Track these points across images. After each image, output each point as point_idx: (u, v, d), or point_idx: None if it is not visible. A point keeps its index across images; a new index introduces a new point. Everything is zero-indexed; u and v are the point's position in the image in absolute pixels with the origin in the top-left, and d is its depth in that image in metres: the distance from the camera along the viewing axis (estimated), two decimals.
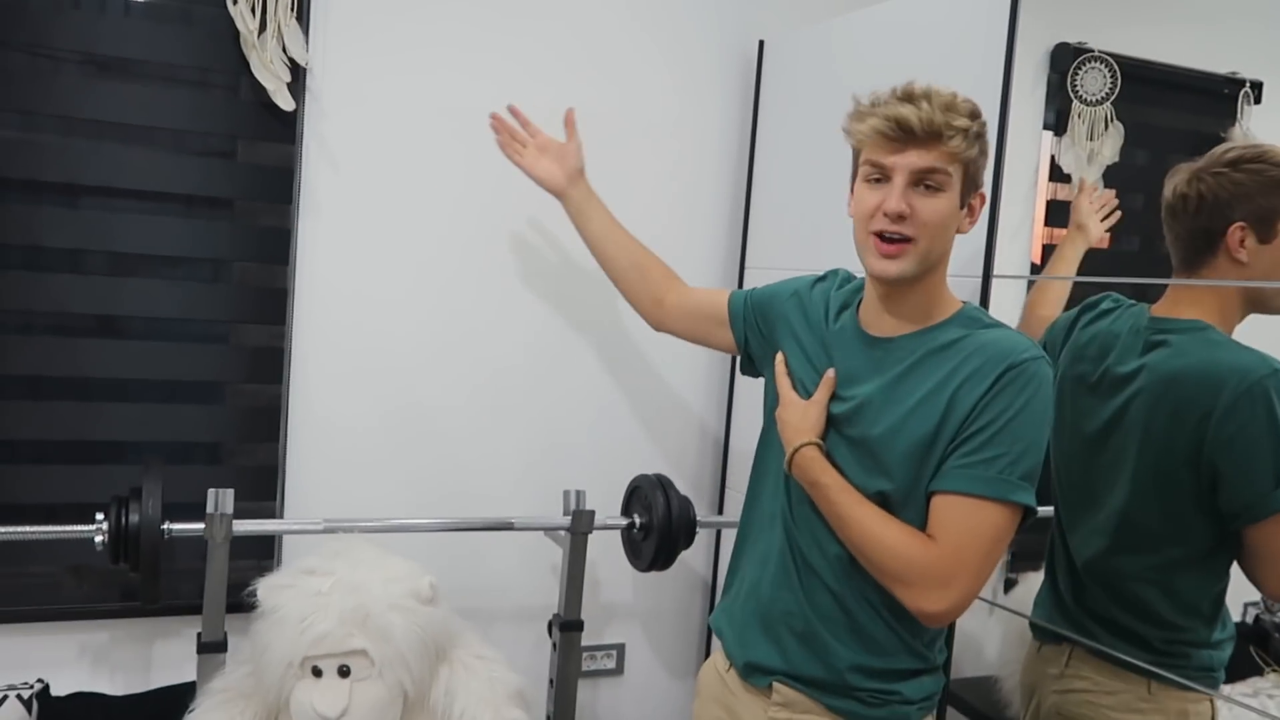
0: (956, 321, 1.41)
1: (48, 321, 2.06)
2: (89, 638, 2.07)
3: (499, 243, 2.30)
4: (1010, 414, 1.29)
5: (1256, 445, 1.39)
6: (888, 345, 1.43)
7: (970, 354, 1.34)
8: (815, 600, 1.46)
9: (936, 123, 1.30)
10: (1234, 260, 1.47)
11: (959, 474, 1.31)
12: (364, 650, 1.71)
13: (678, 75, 2.43)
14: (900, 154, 1.33)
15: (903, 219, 1.33)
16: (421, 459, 2.28)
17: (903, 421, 1.36)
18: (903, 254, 1.35)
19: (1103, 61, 1.85)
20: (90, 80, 2.02)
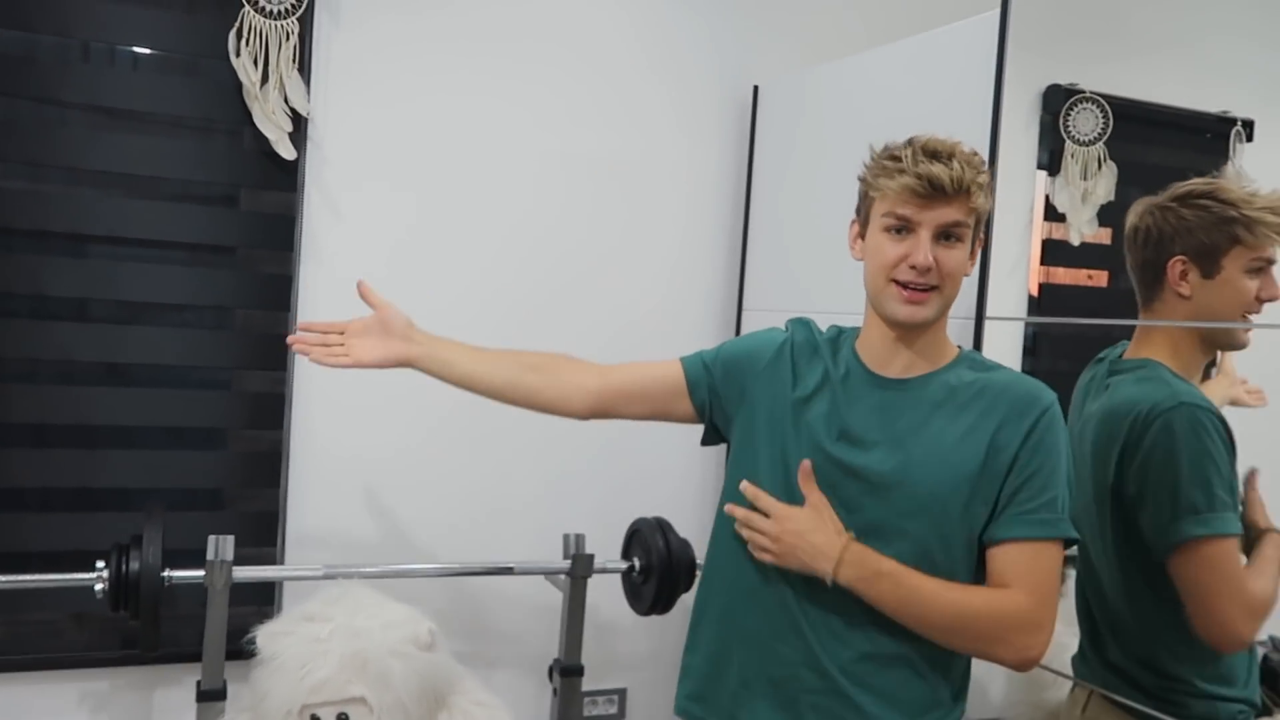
0: (964, 363, 1.44)
1: (52, 369, 2.07)
2: (89, 686, 2.07)
3: (499, 287, 2.32)
4: (1054, 457, 1.35)
5: (1161, 477, 1.42)
6: (903, 386, 1.43)
7: (997, 396, 1.37)
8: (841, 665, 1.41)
9: (966, 180, 1.34)
10: (1177, 294, 1.48)
11: (1023, 520, 1.34)
12: (363, 697, 1.70)
13: (674, 120, 2.46)
14: (928, 209, 1.36)
15: (928, 271, 1.37)
16: (421, 504, 2.28)
17: (942, 460, 1.37)
18: (927, 301, 1.38)
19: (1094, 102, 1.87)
20: (97, 131, 2.05)
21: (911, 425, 1.40)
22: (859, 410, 1.43)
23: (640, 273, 2.44)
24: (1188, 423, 1.41)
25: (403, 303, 2.23)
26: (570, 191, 2.37)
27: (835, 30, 2.54)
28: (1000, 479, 1.35)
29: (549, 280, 2.36)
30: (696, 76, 2.47)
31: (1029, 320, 1.88)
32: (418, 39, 2.22)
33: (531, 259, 2.34)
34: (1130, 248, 1.55)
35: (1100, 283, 2.01)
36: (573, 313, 2.38)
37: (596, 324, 2.40)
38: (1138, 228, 1.53)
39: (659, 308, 2.47)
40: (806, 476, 1.40)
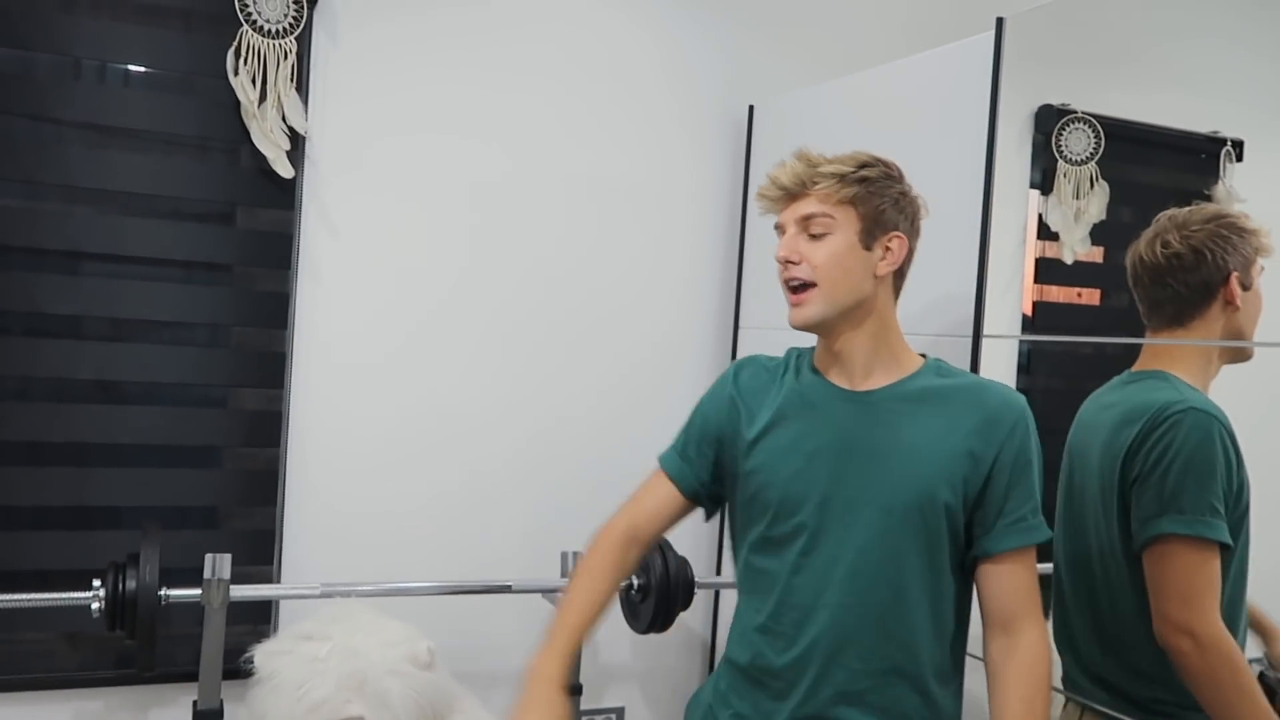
0: (931, 371, 1.46)
1: (47, 387, 2.07)
2: (84, 706, 2.05)
3: (495, 307, 2.33)
4: (1032, 463, 1.40)
5: (1156, 473, 1.45)
6: (869, 397, 1.44)
7: (969, 401, 1.40)
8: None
9: (800, 174, 1.42)
10: (1228, 305, 1.52)
11: (1016, 530, 1.39)
12: (361, 717, 1.69)
13: (669, 139, 2.47)
14: (786, 209, 1.45)
15: (793, 264, 1.41)
16: (419, 521, 2.28)
17: (918, 465, 1.38)
18: (807, 300, 1.41)
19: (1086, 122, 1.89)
20: (93, 149, 2.05)
21: (885, 433, 1.41)
22: (826, 422, 1.44)
23: (636, 291, 2.45)
24: (1193, 426, 1.43)
25: (398, 320, 2.25)
26: (566, 211, 2.38)
27: (830, 50, 2.56)
28: (983, 487, 1.38)
29: (544, 298, 2.37)
30: (691, 96, 2.48)
31: (1024, 338, 1.89)
32: (415, 58, 2.23)
33: (527, 277, 2.35)
34: (1173, 271, 1.55)
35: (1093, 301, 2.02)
36: (567, 331, 2.38)
37: (590, 343, 2.41)
38: (1182, 252, 1.54)
39: (655, 327, 2.48)
40: None
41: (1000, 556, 1.39)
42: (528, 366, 2.36)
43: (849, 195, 1.41)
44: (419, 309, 2.26)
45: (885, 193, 1.43)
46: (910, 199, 1.47)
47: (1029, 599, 1.39)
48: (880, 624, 1.39)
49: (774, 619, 1.45)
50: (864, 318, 1.43)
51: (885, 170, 1.45)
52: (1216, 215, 1.55)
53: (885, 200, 1.43)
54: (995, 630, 1.41)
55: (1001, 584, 1.40)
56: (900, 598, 1.39)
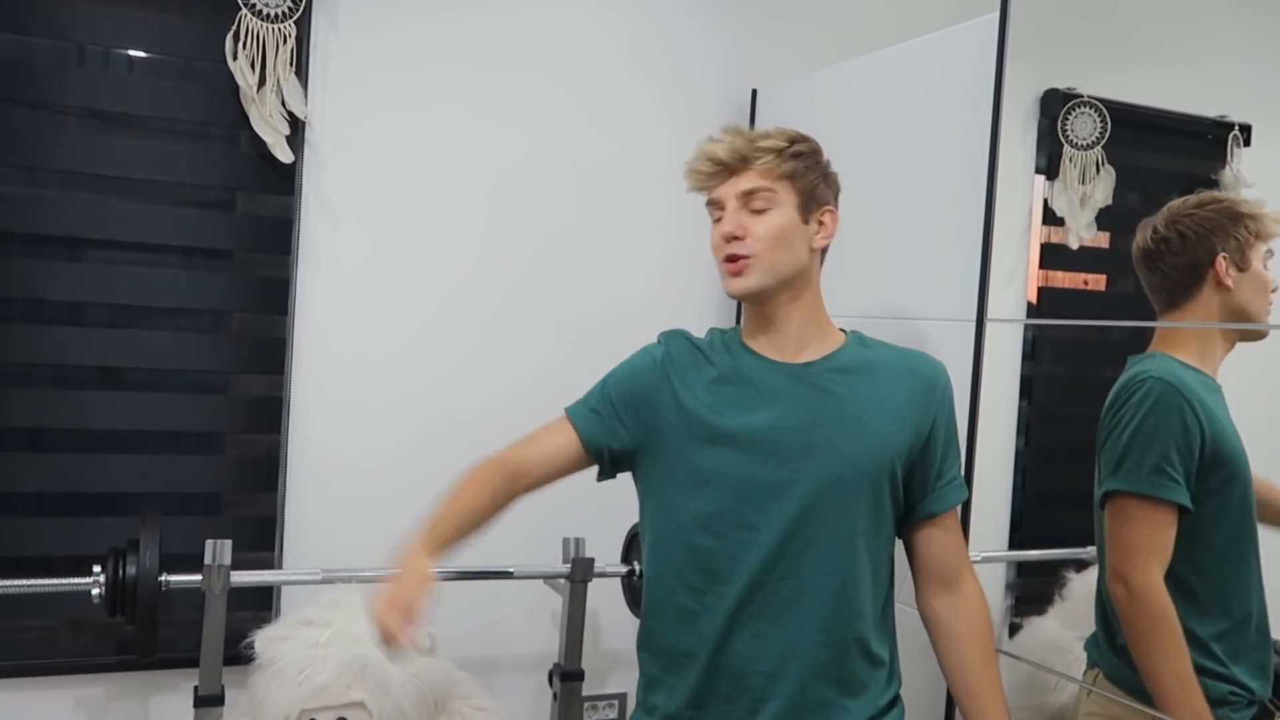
0: (854, 342, 1.52)
1: (48, 373, 2.06)
2: (85, 692, 2.05)
3: (497, 291, 2.32)
4: (954, 426, 1.51)
5: (1114, 439, 1.53)
6: (806, 369, 1.46)
7: (897, 369, 1.48)
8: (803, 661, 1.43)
9: (740, 148, 1.44)
10: (1220, 286, 1.55)
11: (951, 491, 1.50)
12: (362, 702, 1.70)
13: (672, 125, 2.46)
14: (723, 184, 1.47)
15: (738, 239, 1.43)
16: (420, 507, 2.26)
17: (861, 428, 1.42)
18: (747, 269, 1.43)
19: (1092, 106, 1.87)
20: (93, 135, 2.05)
21: (825, 401, 1.44)
22: (765, 394, 1.45)
23: (638, 278, 2.44)
24: (1147, 392, 1.51)
25: (399, 306, 2.24)
26: (568, 196, 2.37)
27: (834, 34, 2.54)
28: (923, 451, 1.46)
29: (547, 285, 2.36)
30: (694, 81, 2.47)
31: (1029, 322, 1.88)
32: (415, 42, 2.22)
33: (529, 263, 2.34)
34: (1162, 256, 1.61)
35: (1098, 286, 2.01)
36: (570, 317, 2.37)
37: (593, 328, 2.40)
38: (1169, 237, 1.61)
39: (658, 313, 2.46)
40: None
41: (941, 516, 1.49)
42: (530, 352, 2.35)
43: (788, 170, 1.44)
44: (420, 294, 2.26)
45: (816, 168, 1.49)
46: (834, 176, 1.52)
47: (964, 553, 1.52)
48: (838, 594, 1.41)
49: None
50: (801, 289, 1.47)
51: (813, 146, 1.50)
52: (1207, 200, 1.60)
53: (817, 175, 1.48)
54: (938, 587, 1.50)
55: (944, 542, 1.49)
56: (855, 565, 1.42)
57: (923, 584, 1.51)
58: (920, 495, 1.48)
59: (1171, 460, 1.47)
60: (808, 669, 1.41)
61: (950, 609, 1.49)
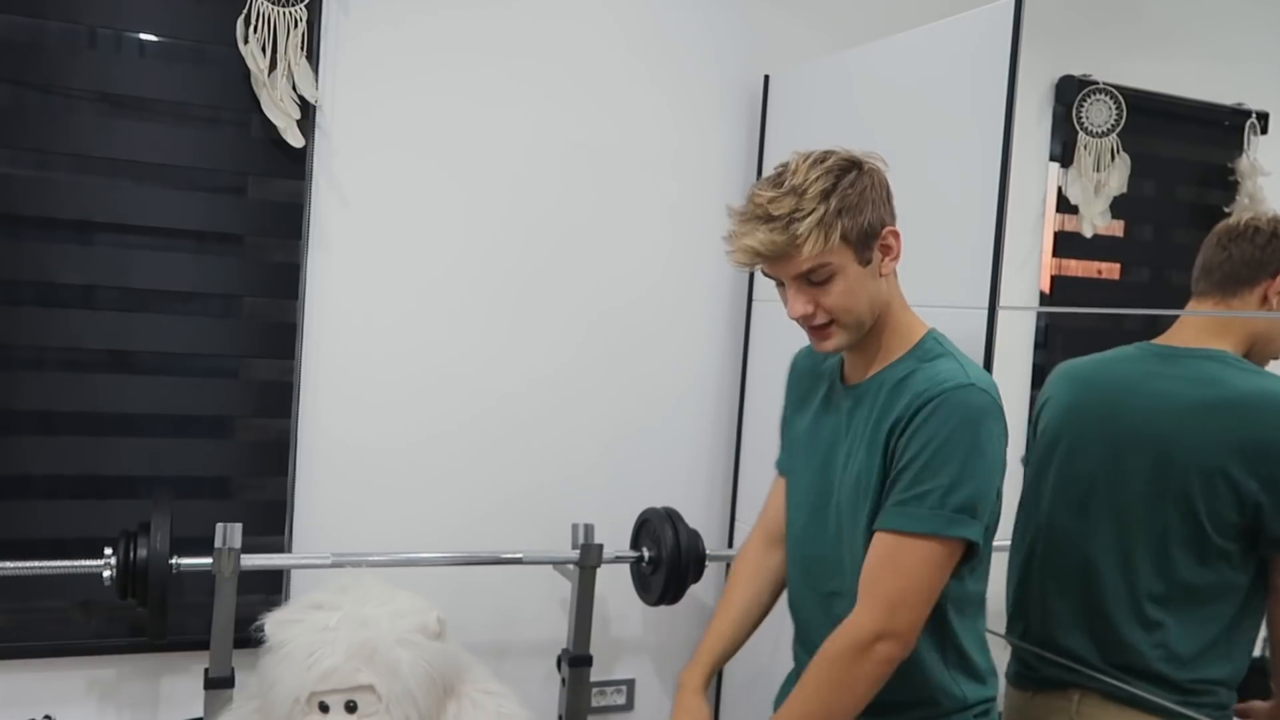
0: (913, 355, 1.42)
1: (59, 357, 2.07)
2: (97, 673, 2.07)
3: (507, 277, 2.31)
4: (939, 446, 1.30)
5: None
6: (856, 391, 1.46)
7: (907, 390, 1.36)
8: None
9: (780, 246, 1.32)
10: (1265, 300, 1.51)
11: (892, 512, 1.33)
12: (371, 686, 1.70)
13: (684, 110, 2.45)
14: (775, 266, 1.37)
15: (809, 316, 1.38)
16: (430, 493, 2.28)
17: (854, 462, 1.42)
18: (831, 334, 1.40)
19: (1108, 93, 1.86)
20: (104, 119, 2.05)
21: (847, 426, 1.45)
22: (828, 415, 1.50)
23: (650, 264, 2.43)
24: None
25: (410, 291, 2.24)
26: (578, 181, 2.36)
27: (846, 19, 2.52)
28: (891, 468, 1.35)
29: (557, 270, 2.35)
30: (706, 66, 2.45)
31: (1041, 310, 1.87)
32: (426, 26, 2.21)
33: (540, 248, 2.33)
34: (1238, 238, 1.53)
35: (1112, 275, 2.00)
36: (581, 303, 2.37)
37: (604, 314, 2.40)
38: (1259, 227, 1.53)
39: (667, 299, 2.46)
40: None
41: (876, 536, 1.35)
42: (540, 338, 2.35)
43: (837, 236, 1.33)
44: (430, 279, 2.25)
45: (863, 197, 1.35)
46: (878, 180, 1.40)
47: (871, 580, 1.33)
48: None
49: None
50: (882, 319, 1.43)
51: (845, 165, 1.37)
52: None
53: (865, 205, 1.35)
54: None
55: (867, 556, 1.36)
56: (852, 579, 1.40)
57: None
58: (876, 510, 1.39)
59: None
60: None
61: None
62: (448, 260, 2.26)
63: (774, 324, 2.29)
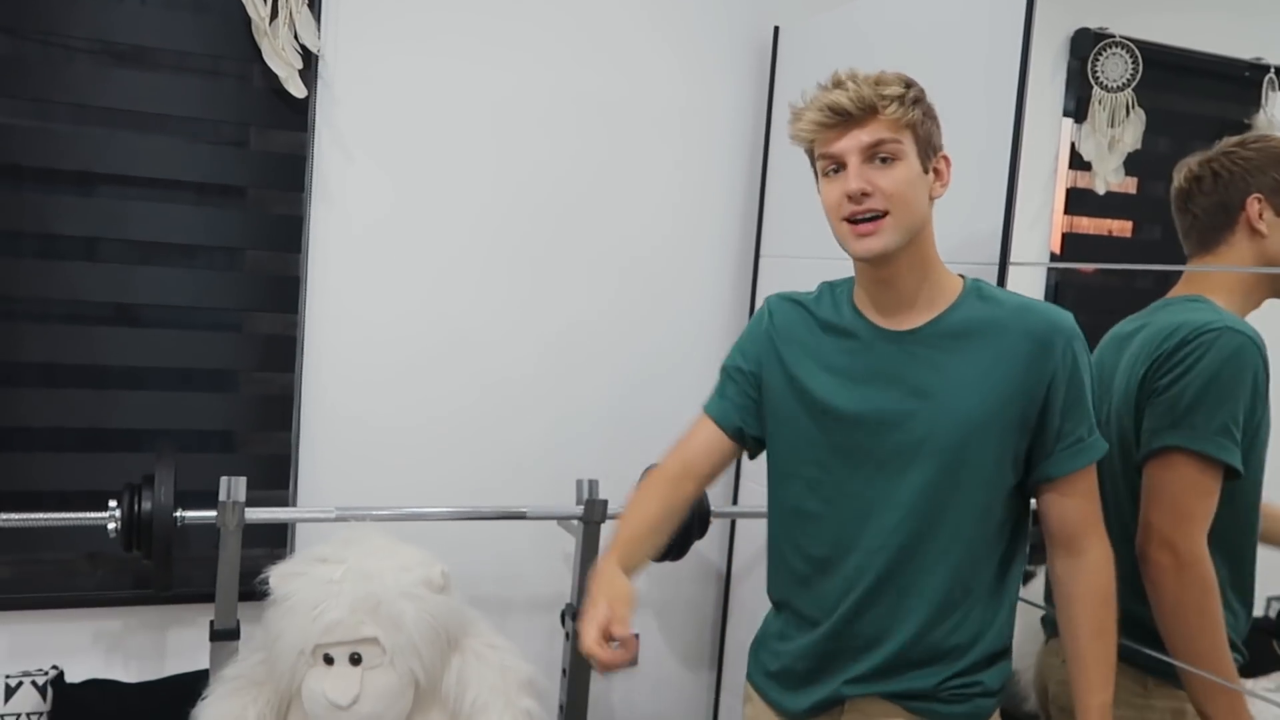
0: (971, 296, 1.42)
1: (62, 309, 2.06)
2: (103, 625, 2.08)
3: (513, 231, 2.29)
4: (1085, 382, 1.38)
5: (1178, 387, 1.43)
6: (913, 337, 1.41)
7: (1015, 328, 1.37)
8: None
9: (867, 97, 1.33)
10: (1253, 232, 1.48)
11: (1076, 452, 1.38)
12: (375, 638, 1.71)
13: (692, 63, 2.41)
14: (845, 137, 1.35)
15: (867, 196, 1.34)
16: (434, 447, 2.27)
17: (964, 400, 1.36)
18: (880, 230, 1.35)
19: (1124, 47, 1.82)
20: (103, 68, 2.02)
21: (928, 373, 1.39)
22: (872, 364, 1.42)
23: (657, 219, 2.41)
24: (1225, 344, 1.40)
25: (413, 243, 2.22)
26: (585, 134, 2.33)
27: None
28: (1041, 414, 1.36)
29: (562, 224, 2.33)
30: (715, 19, 2.41)
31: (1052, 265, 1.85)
32: None
33: (545, 201, 2.31)
34: (1193, 196, 1.54)
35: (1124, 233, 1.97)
36: (587, 256, 2.35)
37: (610, 268, 2.38)
38: (1201, 176, 1.53)
39: (675, 253, 2.44)
40: None
41: (1058, 480, 1.39)
42: (544, 292, 2.33)
43: (912, 118, 1.35)
44: (434, 231, 2.23)
45: (931, 113, 1.39)
46: (938, 118, 1.42)
47: (1090, 517, 1.40)
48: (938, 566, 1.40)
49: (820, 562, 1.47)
50: (920, 247, 1.40)
51: (923, 89, 1.40)
52: (1250, 139, 1.51)
53: (931, 120, 1.39)
54: (1059, 551, 1.42)
55: (1064, 506, 1.40)
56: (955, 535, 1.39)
57: (1048, 545, 1.44)
58: (1039, 458, 1.39)
59: (1238, 420, 1.39)
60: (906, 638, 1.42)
61: (1069, 573, 1.41)
62: (452, 213, 2.24)
63: (781, 279, 2.27)
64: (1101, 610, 1.40)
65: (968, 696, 1.43)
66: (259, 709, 1.77)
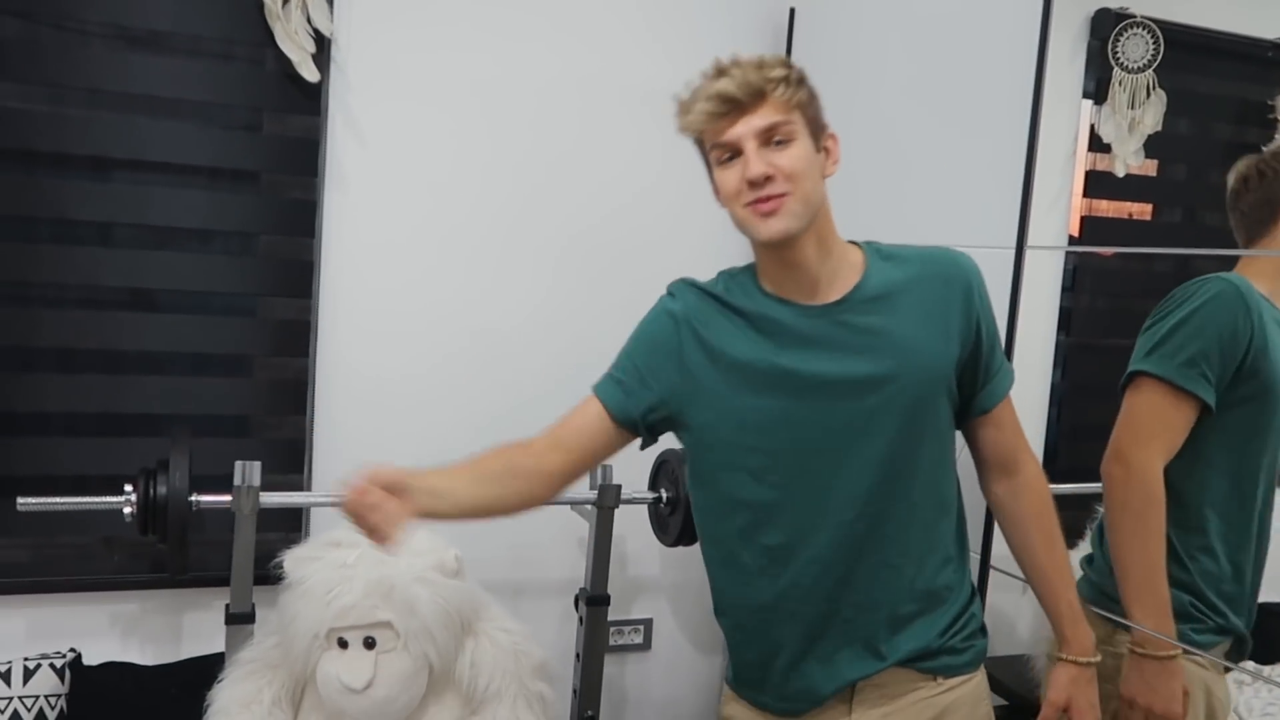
0: (874, 259, 1.44)
1: (77, 294, 2.07)
2: (120, 608, 2.09)
3: (528, 216, 2.29)
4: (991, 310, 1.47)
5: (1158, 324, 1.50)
6: (838, 308, 1.40)
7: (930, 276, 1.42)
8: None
9: (754, 81, 1.33)
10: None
11: (1003, 378, 1.48)
12: (389, 622, 1.71)
13: (705, 44, 2.37)
14: (738, 123, 1.34)
15: (770, 180, 1.33)
16: (448, 431, 2.27)
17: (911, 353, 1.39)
18: (782, 208, 1.34)
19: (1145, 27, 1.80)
20: (117, 53, 2.02)
21: (868, 338, 1.39)
22: (805, 338, 1.40)
23: (669, 203, 2.40)
24: (1207, 288, 1.46)
25: (427, 227, 2.21)
26: (596, 118, 2.31)
27: None
28: (971, 354, 1.43)
29: (575, 207, 2.32)
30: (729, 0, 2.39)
31: (1069, 249, 1.83)
32: None
33: (555, 185, 2.30)
34: (1241, 195, 1.55)
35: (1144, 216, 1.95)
36: (596, 242, 2.34)
37: (618, 256, 2.37)
38: (1249, 176, 1.54)
39: (687, 239, 2.42)
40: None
41: (995, 410, 1.47)
42: (557, 276, 2.32)
43: (799, 98, 1.35)
44: (449, 218, 2.23)
45: (814, 92, 1.40)
46: (819, 96, 1.43)
47: (1019, 437, 1.50)
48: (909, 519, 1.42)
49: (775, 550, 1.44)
50: (820, 224, 1.39)
51: (803, 70, 1.40)
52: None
53: (815, 100, 1.40)
54: (997, 474, 1.50)
55: (999, 433, 1.48)
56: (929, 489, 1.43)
57: (984, 474, 1.52)
58: (971, 393, 1.46)
59: (1209, 358, 1.44)
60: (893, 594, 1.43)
61: (1011, 494, 1.49)
62: (465, 196, 2.23)
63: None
64: (1047, 520, 1.48)
65: (970, 636, 1.48)
66: (274, 692, 1.78)
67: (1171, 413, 1.47)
